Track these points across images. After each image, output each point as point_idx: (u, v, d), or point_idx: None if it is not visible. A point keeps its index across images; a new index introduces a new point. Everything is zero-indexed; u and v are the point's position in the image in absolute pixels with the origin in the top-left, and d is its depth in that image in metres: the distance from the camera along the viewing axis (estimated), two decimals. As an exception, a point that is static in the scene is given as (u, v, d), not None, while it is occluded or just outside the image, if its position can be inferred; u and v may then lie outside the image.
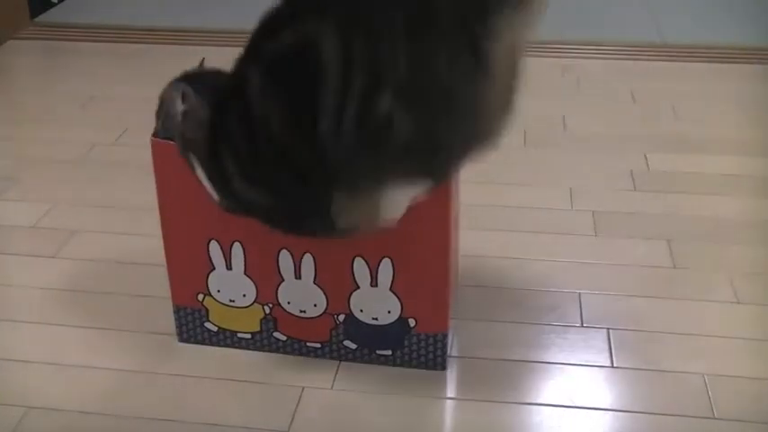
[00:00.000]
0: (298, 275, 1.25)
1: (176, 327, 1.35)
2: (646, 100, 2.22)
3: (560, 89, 2.30)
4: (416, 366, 1.29)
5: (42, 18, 2.86)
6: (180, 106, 1.08)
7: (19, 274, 1.55)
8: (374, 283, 1.23)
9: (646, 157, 1.91)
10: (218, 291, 1.30)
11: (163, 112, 1.15)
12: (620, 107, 2.19)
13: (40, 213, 1.72)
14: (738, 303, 1.44)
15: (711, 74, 2.39)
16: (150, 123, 1.20)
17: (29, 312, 1.44)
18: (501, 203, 1.73)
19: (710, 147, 1.96)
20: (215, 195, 1.15)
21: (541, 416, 1.22)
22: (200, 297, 1.31)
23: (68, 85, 2.36)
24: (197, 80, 1.16)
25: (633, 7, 2.89)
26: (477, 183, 1.68)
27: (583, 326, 1.39)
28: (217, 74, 1.18)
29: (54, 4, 2.95)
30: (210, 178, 1.14)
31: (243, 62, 1.04)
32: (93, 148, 1.99)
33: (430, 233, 1.19)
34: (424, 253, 1.20)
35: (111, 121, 2.11)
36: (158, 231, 1.27)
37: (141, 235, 1.62)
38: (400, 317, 1.26)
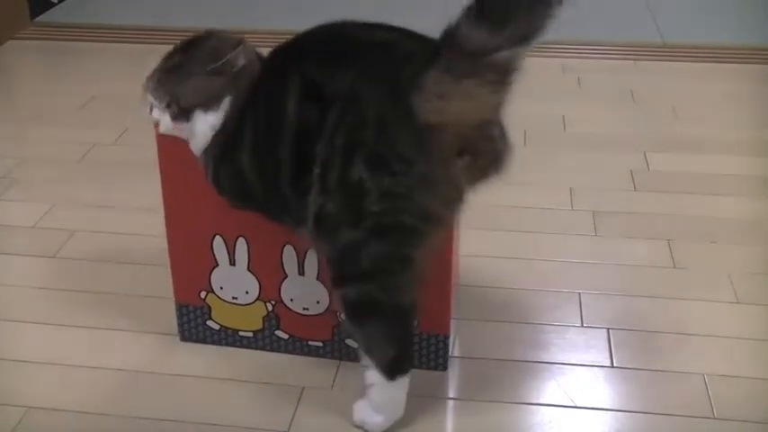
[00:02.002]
0: (301, 271, 1.25)
1: (178, 325, 1.35)
2: (646, 100, 2.22)
3: (560, 89, 2.30)
4: (418, 367, 1.29)
5: (42, 18, 2.86)
6: (241, 60, 1.14)
7: (19, 274, 1.55)
8: None
9: (646, 157, 1.91)
10: (221, 288, 1.30)
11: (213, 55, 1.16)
12: (620, 107, 2.19)
13: (40, 213, 1.72)
14: (738, 303, 1.44)
15: (711, 74, 2.39)
16: (149, 124, 1.20)
17: (29, 312, 1.44)
18: (501, 203, 1.73)
19: (710, 147, 1.96)
20: (210, 167, 1.16)
21: (541, 416, 1.22)
22: (203, 294, 1.31)
23: (68, 85, 2.36)
24: None
25: (633, 7, 2.89)
26: (477, 183, 1.68)
27: (583, 326, 1.39)
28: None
29: (54, 4, 2.95)
30: (222, 138, 1.15)
31: (288, 58, 1.12)
32: (93, 148, 1.99)
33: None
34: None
35: (111, 121, 2.10)
36: (158, 231, 1.27)
37: (141, 235, 1.62)
38: None
